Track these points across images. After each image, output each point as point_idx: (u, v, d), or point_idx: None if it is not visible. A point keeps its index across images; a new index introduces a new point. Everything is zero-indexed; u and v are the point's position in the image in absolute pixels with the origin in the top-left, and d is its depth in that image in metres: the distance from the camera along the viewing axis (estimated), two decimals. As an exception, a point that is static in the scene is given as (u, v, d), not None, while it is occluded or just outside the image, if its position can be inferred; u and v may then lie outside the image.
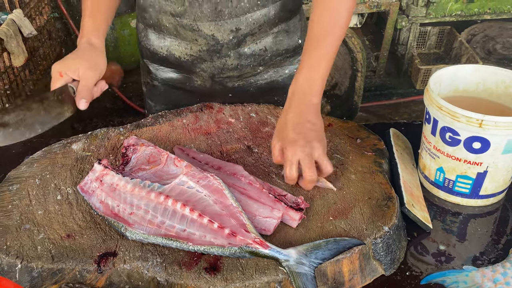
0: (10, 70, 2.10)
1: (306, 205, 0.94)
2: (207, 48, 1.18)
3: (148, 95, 1.42)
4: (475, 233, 1.01)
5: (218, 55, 1.20)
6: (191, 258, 0.86)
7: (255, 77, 1.28)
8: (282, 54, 1.23)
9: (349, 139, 1.16)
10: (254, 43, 1.17)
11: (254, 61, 1.21)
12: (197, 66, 1.24)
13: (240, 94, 1.30)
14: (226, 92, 1.30)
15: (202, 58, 1.21)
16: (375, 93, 3.39)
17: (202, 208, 0.91)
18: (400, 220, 0.95)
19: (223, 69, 1.23)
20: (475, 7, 3.17)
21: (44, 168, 1.08)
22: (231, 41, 1.16)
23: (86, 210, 0.97)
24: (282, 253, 0.83)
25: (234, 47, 1.18)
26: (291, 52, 1.25)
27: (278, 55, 1.23)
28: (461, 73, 1.10)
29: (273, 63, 1.25)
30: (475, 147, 0.96)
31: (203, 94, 1.30)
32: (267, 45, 1.19)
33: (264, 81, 1.29)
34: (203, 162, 1.06)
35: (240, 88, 1.29)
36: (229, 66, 1.21)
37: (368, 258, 0.88)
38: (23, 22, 2.13)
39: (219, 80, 1.27)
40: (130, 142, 1.10)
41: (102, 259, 0.86)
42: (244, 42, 1.17)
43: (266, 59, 1.22)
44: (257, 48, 1.19)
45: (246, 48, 1.18)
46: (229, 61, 1.19)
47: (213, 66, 1.22)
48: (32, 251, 0.88)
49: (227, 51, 1.18)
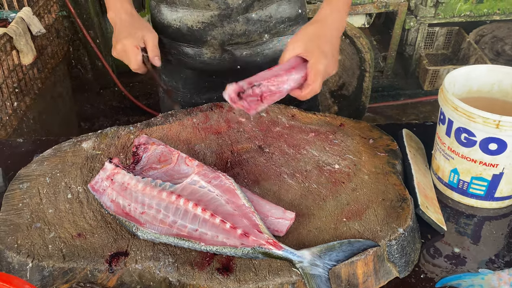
0: (19, 68, 2.09)
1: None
2: (218, 13, 1.27)
3: (163, 71, 1.49)
4: (490, 235, 0.99)
5: (228, 20, 1.28)
6: (203, 258, 0.85)
7: (261, 46, 1.35)
8: (284, 22, 1.34)
9: (362, 140, 1.15)
10: (260, 9, 1.28)
11: (260, 27, 1.30)
12: (208, 33, 1.31)
13: (248, 65, 1.36)
14: (235, 63, 1.36)
15: (214, 24, 1.29)
16: (383, 93, 3.38)
17: (214, 208, 0.90)
18: (414, 222, 0.94)
19: (232, 35, 1.30)
20: (484, 7, 3.15)
21: (54, 167, 1.07)
22: (240, 6, 1.26)
23: (97, 209, 0.96)
24: (296, 254, 0.82)
25: (243, 12, 1.27)
26: (292, 20, 1.35)
27: (282, 23, 1.33)
28: (475, 73, 1.09)
29: (276, 31, 1.33)
30: (492, 148, 0.94)
31: (213, 70, 1.37)
32: (272, 12, 1.30)
33: (269, 50, 1.36)
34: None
35: (248, 58, 1.36)
36: (237, 32, 1.30)
37: (383, 260, 0.87)
38: (32, 20, 2.12)
39: (229, 49, 1.33)
40: (140, 141, 1.09)
41: (113, 258, 0.85)
42: (252, 8, 1.27)
43: (270, 26, 1.31)
44: (263, 14, 1.29)
45: (254, 13, 1.28)
46: (238, 27, 1.29)
47: (223, 32, 1.30)
48: (43, 250, 0.87)
49: (236, 16, 1.27)
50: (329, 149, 1.11)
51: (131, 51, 1.16)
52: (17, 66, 2.07)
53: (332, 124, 1.21)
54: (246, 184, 1.02)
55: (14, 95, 2.06)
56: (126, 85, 3.47)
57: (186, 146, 1.14)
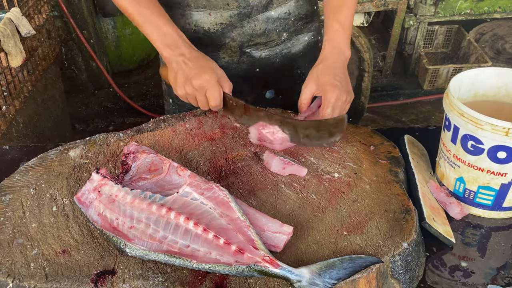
0: (8, 71, 2.03)
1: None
2: (238, 12, 1.23)
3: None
4: (498, 247, 0.94)
5: (247, 20, 1.24)
6: (195, 277, 0.80)
7: (280, 46, 1.32)
8: (302, 19, 1.32)
9: (362, 146, 1.10)
10: (280, 6, 1.26)
11: (280, 25, 1.28)
12: (227, 35, 1.26)
13: (267, 68, 1.33)
14: (254, 66, 1.32)
15: (233, 24, 1.24)
16: (382, 93, 3.33)
17: (207, 222, 0.85)
18: (419, 235, 0.89)
19: (252, 35, 1.27)
20: (484, 5, 3.10)
21: (39, 177, 1.02)
22: (261, 3, 1.23)
23: (83, 223, 0.91)
24: (294, 273, 0.77)
25: (263, 10, 1.24)
26: (309, 17, 1.34)
27: (299, 19, 1.32)
28: (482, 76, 1.04)
29: (295, 29, 1.32)
30: (500, 156, 0.89)
31: (230, 75, 1.24)
32: (291, 9, 1.28)
33: (287, 50, 1.34)
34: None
35: (267, 60, 1.33)
36: (257, 31, 1.26)
37: (386, 277, 0.82)
38: (20, 21, 2.06)
39: (247, 51, 1.30)
40: (130, 149, 1.04)
41: (99, 278, 0.80)
42: (271, 5, 1.24)
43: (289, 23, 1.30)
44: (282, 12, 1.27)
45: (273, 11, 1.25)
46: (258, 26, 1.25)
47: (243, 33, 1.26)
48: (25, 268, 0.82)
49: (256, 14, 1.24)
50: (328, 156, 1.06)
51: (215, 87, 1.05)
52: (5, 69, 2.01)
53: (331, 130, 1.15)
54: (242, 195, 0.97)
55: (3, 98, 2.00)
56: (121, 86, 3.42)
57: (178, 153, 1.09)
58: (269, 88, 1.37)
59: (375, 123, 3.12)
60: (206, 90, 1.05)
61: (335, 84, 1.06)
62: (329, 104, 1.04)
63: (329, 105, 1.04)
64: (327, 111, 1.04)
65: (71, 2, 3.06)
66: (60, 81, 2.75)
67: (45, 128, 2.41)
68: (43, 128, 2.38)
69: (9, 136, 1.98)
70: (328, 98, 1.05)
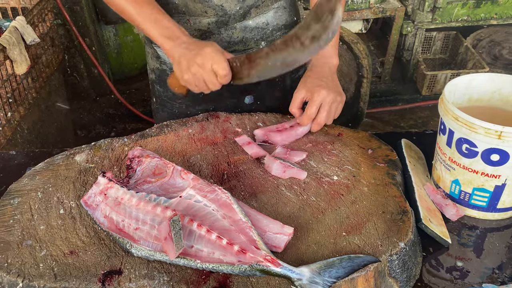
0: (13, 78, 2.07)
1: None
2: (216, 20, 1.25)
3: (157, 81, 1.42)
4: (493, 247, 0.97)
5: (225, 27, 1.26)
6: (199, 276, 0.82)
7: None
8: (281, 29, 1.34)
9: (360, 150, 1.13)
10: (258, 16, 1.28)
11: (257, 34, 1.30)
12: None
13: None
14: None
15: (211, 31, 1.27)
16: (380, 99, 3.36)
17: (210, 223, 0.87)
18: (415, 235, 0.91)
19: (230, 42, 1.28)
20: (481, 12, 3.14)
21: (46, 181, 1.05)
22: (238, 12, 1.25)
23: (89, 225, 0.94)
24: (294, 272, 0.79)
25: (240, 19, 1.26)
26: (289, 27, 1.35)
27: (278, 30, 1.33)
28: (476, 82, 1.07)
29: (273, 39, 1.33)
30: (493, 159, 0.92)
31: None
32: (269, 19, 1.30)
33: None
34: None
35: None
36: (235, 39, 1.28)
37: (384, 276, 0.85)
38: (25, 30, 2.10)
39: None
40: (134, 153, 1.07)
41: (106, 277, 0.82)
42: (249, 14, 1.27)
43: (267, 33, 1.31)
44: (260, 21, 1.29)
45: (251, 20, 1.28)
46: (235, 34, 1.27)
47: (221, 40, 1.28)
48: (34, 269, 0.84)
49: (234, 23, 1.26)
50: (327, 160, 1.09)
51: (218, 56, 1.04)
52: (10, 76, 2.04)
53: (330, 134, 1.18)
54: (243, 197, 1.00)
55: (8, 105, 2.03)
56: (123, 92, 3.45)
57: (182, 157, 1.12)
58: (248, 93, 1.38)
59: (374, 129, 3.15)
60: (211, 63, 1.04)
61: (321, 85, 1.15)
62: (315, 103, 1.13)
63: (314, 103, 1.13)
64: (311, 109, 1.13)
65: (73, 10, 3.10)
66: (63, 88, 2.79)
67: (48, 134, 2.44)
68: (46, 134, 2.41)
69: (14, 142, 2.01)
70: (314, 98, 1.14)
